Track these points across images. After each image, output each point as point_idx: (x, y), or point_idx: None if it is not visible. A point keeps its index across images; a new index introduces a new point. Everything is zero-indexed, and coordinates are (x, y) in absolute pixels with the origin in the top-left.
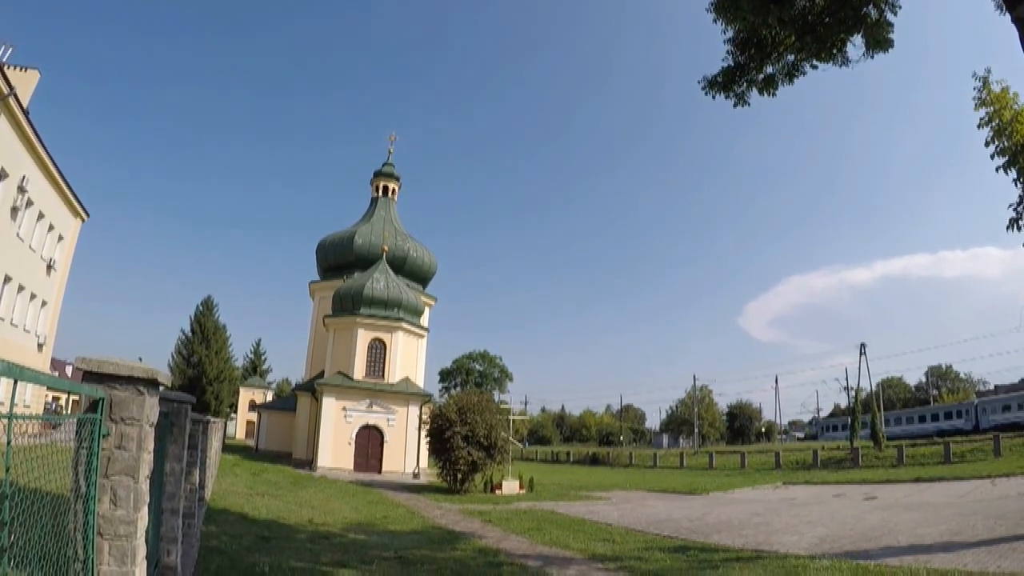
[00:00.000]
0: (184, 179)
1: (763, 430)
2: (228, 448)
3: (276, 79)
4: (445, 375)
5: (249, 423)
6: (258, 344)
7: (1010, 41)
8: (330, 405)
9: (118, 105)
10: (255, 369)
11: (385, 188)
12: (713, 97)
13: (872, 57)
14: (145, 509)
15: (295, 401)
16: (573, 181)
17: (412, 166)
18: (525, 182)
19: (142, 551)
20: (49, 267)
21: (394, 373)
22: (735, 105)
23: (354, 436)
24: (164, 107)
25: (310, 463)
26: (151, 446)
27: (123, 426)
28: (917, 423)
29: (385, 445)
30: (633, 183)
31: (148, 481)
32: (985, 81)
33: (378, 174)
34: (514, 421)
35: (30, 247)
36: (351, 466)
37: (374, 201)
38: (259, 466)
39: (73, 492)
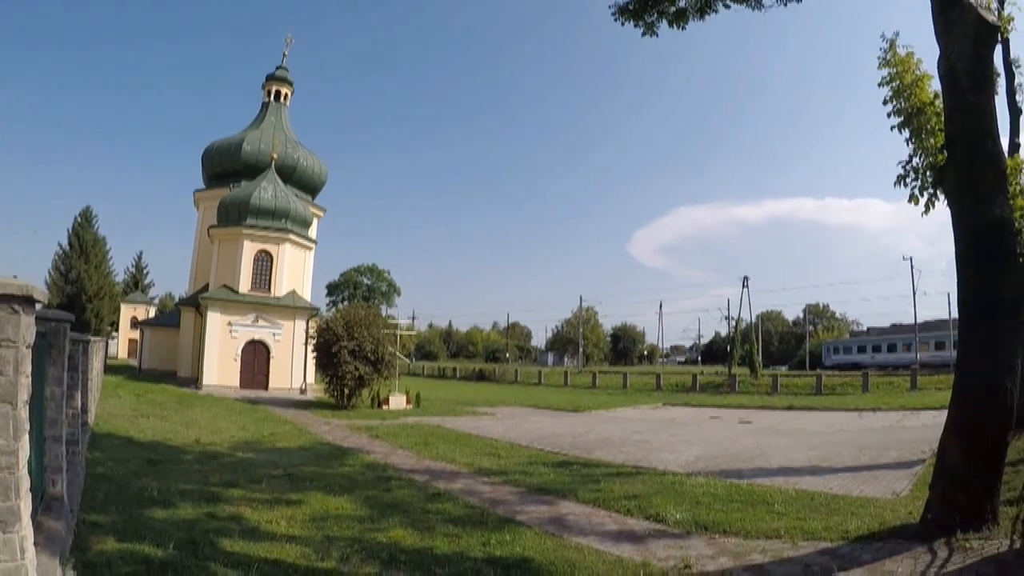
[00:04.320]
0: (54, 88)
1: (645, 353)
2: (110, 369)
3: None
4: (333, 288)
5: (131, 341)
6: (139, 257)
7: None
8: (215, 320)
9: None
10: (137, 284)
11: (277, 93)
12: (622, 24)
13: (785, 5)
14: (26, 438)
15: (179, 316)
16: (465, 89)
17: (307, 71)
18: (418, 91)
19: (26, 483)
20: None
21: (281, 286)
22: (643, 34)
23: (240, 352)
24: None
25: (195, 381)
26: (28, 369)
27: None
28: None
29: (272, 361)
30: (525, 92)
31: (27, 407)
32: (892, 43)
33: (270, 78)
34: (401, 336)
35: None
36: (237, 383)
37: (265, 106)
38: (143, 386)
39: None
